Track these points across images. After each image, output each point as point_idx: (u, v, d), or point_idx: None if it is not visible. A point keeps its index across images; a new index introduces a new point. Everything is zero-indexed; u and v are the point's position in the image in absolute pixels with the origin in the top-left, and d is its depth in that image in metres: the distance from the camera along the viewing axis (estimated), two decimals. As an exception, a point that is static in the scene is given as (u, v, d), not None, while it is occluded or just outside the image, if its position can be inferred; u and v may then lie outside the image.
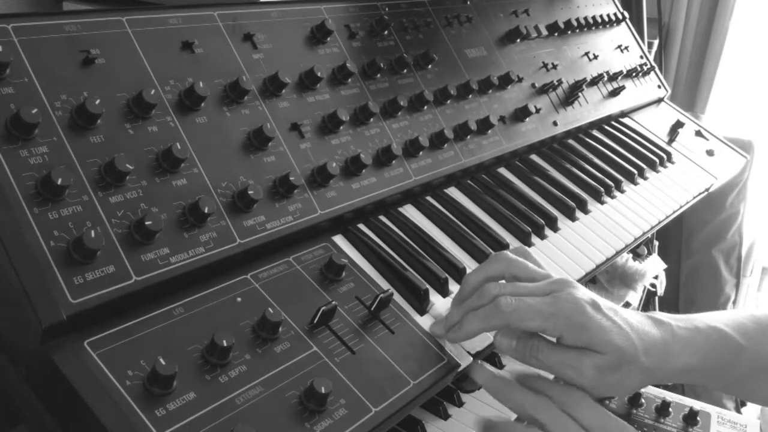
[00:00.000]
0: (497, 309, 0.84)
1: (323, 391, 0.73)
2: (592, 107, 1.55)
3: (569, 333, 0.83)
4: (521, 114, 1.34)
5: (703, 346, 0.89)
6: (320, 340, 0.81)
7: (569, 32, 1.59)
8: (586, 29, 1.65)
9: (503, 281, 0.90)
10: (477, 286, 0.90)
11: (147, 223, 0.73)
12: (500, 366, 1.18)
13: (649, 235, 1.40)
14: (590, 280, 1.55)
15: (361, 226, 1.00)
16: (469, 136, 1.20)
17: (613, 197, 1.38)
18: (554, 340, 0.86)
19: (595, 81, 1.58)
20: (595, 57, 1.63)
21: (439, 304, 0.95)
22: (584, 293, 0.85)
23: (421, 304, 0.93)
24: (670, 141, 1.72)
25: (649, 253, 1.70)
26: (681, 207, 1.50)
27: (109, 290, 0.70)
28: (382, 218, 1.04)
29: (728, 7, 2.62)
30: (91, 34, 0.81)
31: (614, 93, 1.63)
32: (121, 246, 0.73)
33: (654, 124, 1.75)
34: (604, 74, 1.61)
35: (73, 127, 0.75)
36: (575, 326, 0.83)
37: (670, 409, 1.51)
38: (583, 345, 0.83)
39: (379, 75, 1.10)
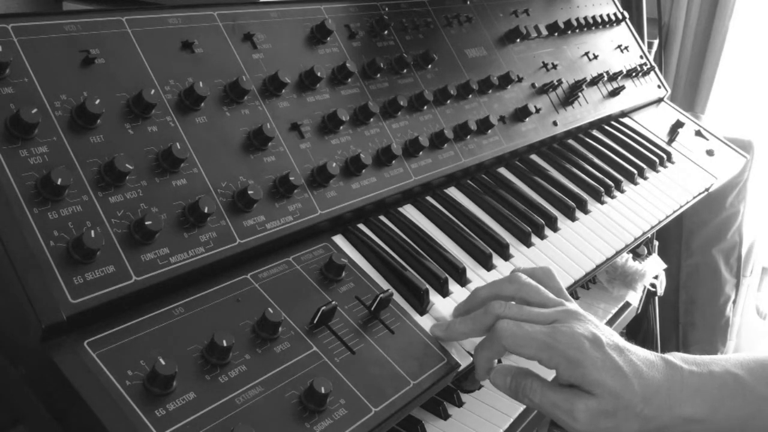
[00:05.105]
0: (494, 332, 0.83)
1: (323, 391, 0.73)
2: (592, 107, 1.55)
3: (563, 367, 0.80)
4: (521, 114, 1.34)
5: (716, 395, 0.82)
6: (320, 340, 0.81)
7: (569, 32, 1.59)
8: (586, 29, 1.65)
9: (512, 303, 0.88)
10: (485, 301, 0.89)
11: (147, 223, 0.73)
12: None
13: (649, 235, 1.40)
14: (590, 280, 1.55)
15: (361, 226, 1.00)
16: (469, 136, 1.20)
17: (613, 197, 1.38)
18: (551, 374, 0.84)
19: (595, 81, 1.58)
20: (595, 57, 1.63)
21: (439, 304, 0.95)
22: (586, 328, 0.81)
23: (421, 304, 0.93)
24: (670, 141, 1.72)
25: (649, 253, 1.70)
26: (681, 207, 1.50)
27: (109, 290, 0.70)
28: (382, 218, 1.04)
29: (728, 7, 2.62)
30: (90, 34, 0.81)
31: (614, 93, 1.63)
32: (120, 246, 0.73)
33: (654, 124, 1.75)
34: (604, 74, 1.61)
35: (73, 127, 0.75)
36: (570, 361, 0.80)
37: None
38: (576, 383, 0.80)
39: (379, 75, 1.10)
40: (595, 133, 1.58)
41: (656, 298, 2.32)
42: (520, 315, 0.84)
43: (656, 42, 2.38)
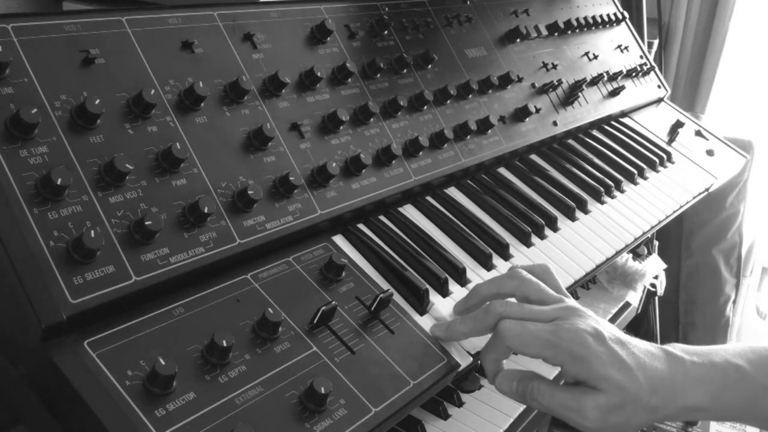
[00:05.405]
0: (497, 333, 0.84)
1: (323, 391, 0.73)
2: (592, 107, 1.55)
3: (569, 364, 0.80)
4: (521, 114, 1.34)
5: (718, 385, 0.83)
6: (320, 340, 0.81)
7: (569, 32, 1.59)
8: (586, 29, 1.65)
9: (512, 299, 0.89)
10: (486, 299, 0.90)
11: (147, 223, 0.73)
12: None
13: (649, 235, 1.40)
14: (590, 280, 1.55)
15: (361, 226, 1.00)
16: (469, 136, 1.20)
17: (613, 197, 1.38)
18: (554, 373, 0.84)
19: (595, 81, 1.58)
20: (595, 57, 1.63)
21: (439, 304, 0.95)
22: (588, 324, 0.82)
23: (421, 304, 0.93)
24: (670, 141, 1.72)
25: (649, 253, 1.70)
26: (681, 207, 1.50)
27: (109, 290, 0.70)
28: (382, 218, 1.04)
29: (728, 7, 2.62)
30: (90, 34, 0.81)
31: (614, 93, 1.63)
32: (120, 246, 0.73)
33: (654, 124, 1.75)
34: (604, 74, 1.61)
35: (72, 127, 0.75)
36: (575, 357, 0.80)
37: (670, 409, 1.50)
38: (582, 378, 0.81)
39: (379, 75, 1.10)
40: (595, 133, 1.58)
41: (656, 298, 2.32)
42: (521, 314, 0.84)
43: (656, 42, 2.38)
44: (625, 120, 1.70)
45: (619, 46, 1.76)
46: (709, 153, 1.74)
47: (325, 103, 1.01)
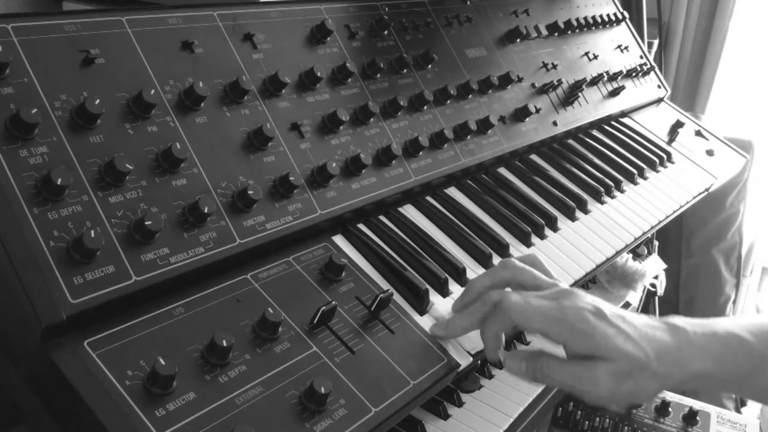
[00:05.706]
0: (502, 306, 0.84)
1: (323, 391, 0.73)
2: (592, 107, 1.55)
3: (574, 340, 0.82)
4: (521, 114, 1.34)
5: (720, 353, 0.85)
6: (320, 340, 0.81)
7: (569, 32, 1.59)
8: (586, 29, 1.65)
9: (508, 289, 0.89)
10: (481, 292, 0.90)
11: (147, 223, 0.73)
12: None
13: (649, 235, 1.40)
14: (590, 280, 1.55)
15: (361, 226, 1.00)
16: (469, 136, 1.20)
17: (613, 197, 1.38)
18: (561, 354, 0.85)
19: (595, 81, 1.58)
20: (595, 57, 1.63)
21: (439, 304, 0.95)
22: (587, 302, 0.84)
23: (421, 304, 0.93)
24: (670, 141, 1.72)
25: (649, 253, 1.70)
26: (681, 207, 1.50)
27: (109, 290, 0.70)
28: (382, 218, 1.04)
29: (728, 7, 2.62)
30: (90, 34, 0.81)
31: (614, 93, 1.63)
32: (120, 246, 0.73)
33: (654, 124, 1.75)
34: (604, 74, 1.61)
35: (72, 127, 0.75)
36: (579, 333, 0.81)
37: (670, 409, 1.51)
38: (589, 353, 0.82)
39: (379, 75, 1.10)
40: (595, 133, 1.58)
41: (656, 298, 2.32)
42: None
43: (656, 42, 2.38)
44: (625, 120, 1.70)
45: (619, 46, 1.76)
46: (709, 153, 1.75)
47: (325, 103, 1.01)
